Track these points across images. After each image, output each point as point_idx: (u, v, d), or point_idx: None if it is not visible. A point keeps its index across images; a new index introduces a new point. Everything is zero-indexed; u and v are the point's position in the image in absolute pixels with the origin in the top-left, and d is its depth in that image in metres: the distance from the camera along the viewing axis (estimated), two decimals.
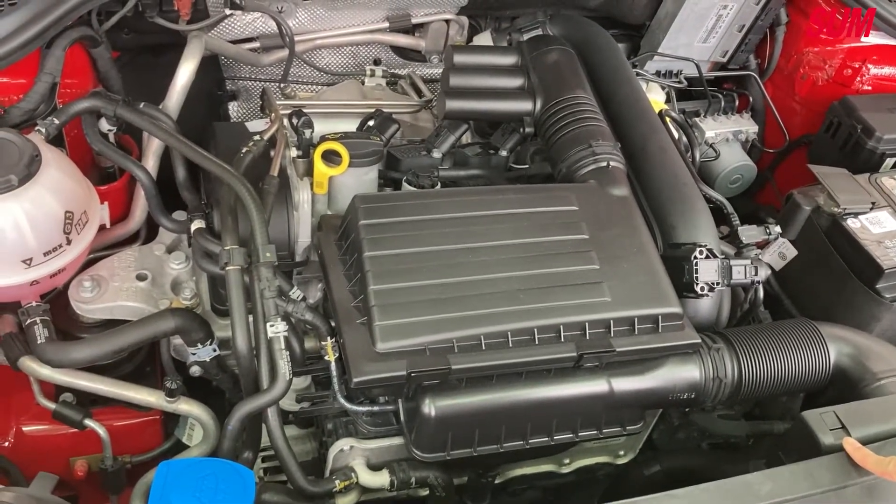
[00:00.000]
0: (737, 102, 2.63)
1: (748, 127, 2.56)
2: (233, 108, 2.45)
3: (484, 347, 1.47)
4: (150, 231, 2.01)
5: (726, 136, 2.53)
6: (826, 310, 1.95)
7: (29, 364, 1.64)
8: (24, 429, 1.84)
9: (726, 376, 1.64)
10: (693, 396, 1.64)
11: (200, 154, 1.67)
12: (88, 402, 1.80)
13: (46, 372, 1.64)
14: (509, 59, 2.03)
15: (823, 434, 1.48)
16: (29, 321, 1.62)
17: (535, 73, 1.96)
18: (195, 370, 1.76)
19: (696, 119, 2.51)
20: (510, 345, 1.48)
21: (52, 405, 1.74)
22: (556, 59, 1.98)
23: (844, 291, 1.93)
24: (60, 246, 1.56)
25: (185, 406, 1.70)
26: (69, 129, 1.80)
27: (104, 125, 1.80)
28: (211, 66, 2.32)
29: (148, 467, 1.77)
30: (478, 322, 1.48)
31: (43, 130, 1.66)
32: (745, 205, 2.59)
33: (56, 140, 1.73)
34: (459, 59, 1.98)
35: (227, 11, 1.98)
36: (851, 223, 1.96)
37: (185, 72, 1.87)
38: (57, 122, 1.69)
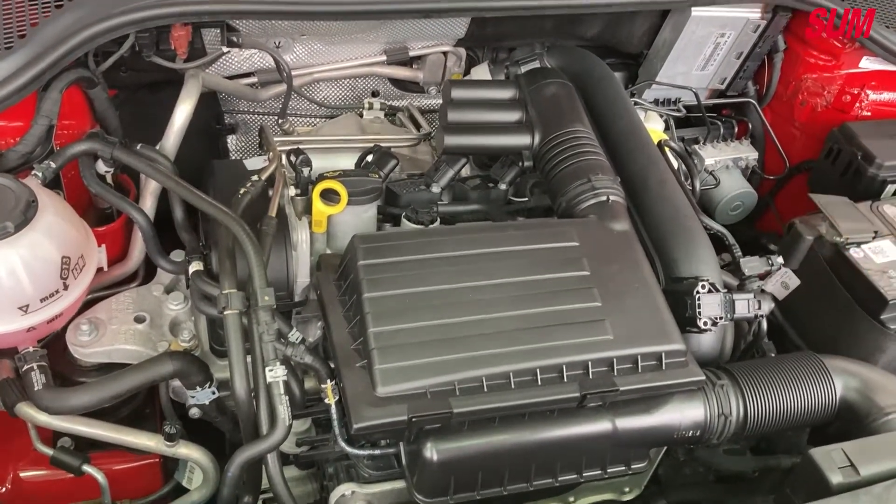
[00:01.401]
0: (736, 129, 2.62)
1: (748, 153, 2.55)
2: (231, 142, 2.45)
3: (486, 389, 1.45)
4: (147, 269, 2.00)
5: (726, 163, 2.53)
6: (831, 340, 1.93)
7: (26, 410, 1.62)
8: (22, 474, 1.83)
9: (731, 413, 1.62)
10: (698, 434, 1.62)
11: (198, 196, 1.67)
12: (87, 445, 1.78)
13: (44, 418, 1.62)
14: (507, 93, 2.02)
15: (832, 472, 1.45)
16: (26, 367, 1.61)
17: (532, 106, 1.96)
18: (194, 412, 1.74)
19: (696, 146, 2.51)
20: (512, 386, 1.46)
21: (49, 451, 1.72)
22: (553, 93, 1.98)
23: (849, 322, 1.91)
24: (57, 291, 1.55)
25: (185, 450, 1.69)
26: (66, 170, 1.79)
27: (101, 167, 1.80)
28: (209, 99, 2.32)
29: None
30: (479, 363, 1.46)
31: (39, 174, 1.66)
32: (746, 231, 2.58)
33: (53, 181, 1.73)
34: (457, 93, 1.98)
35: (225, 49, 1.97)
36: (854, 253, 1.94)
37: (182, 112, 1.87)
38: (54, 165, 1.68)
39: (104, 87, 1.89)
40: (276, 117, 2.32)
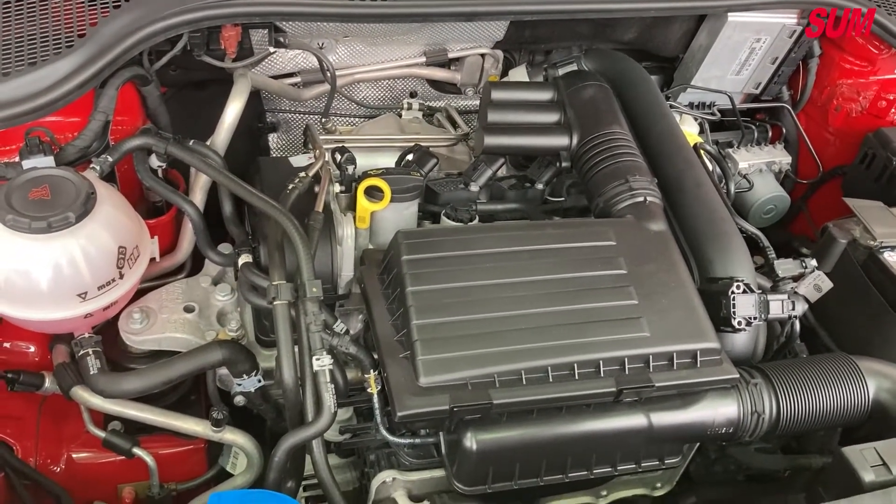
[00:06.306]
0: (770, 133, 2.63)
1: (781, 158, 2.57)
2: (272, 140, 2.51)
3: (524, 382, 1.49)
4: (195, 261, 2.07)
5: (760, 166, 2.55)
6: (863, 343, 1.95)
7: (81, 394, 1.69)
8: (74, 456, 1.90)
9: (764, 411, 1.65)
10: (731, 431, 1.65)
11: (249, 191, 1.73)
12: (136, 430, 1.85)
13: (97, 401, 1.69)
14: (545, 95, 2.06)
15: (864, 471, 1.48)
16: (82, 352, 1.68)
17: (571, 108, 2.00)
18: (239, 400, 1.80)
19: (730, 150, 2.53)
20: (550, 380, 1.51)
21: (101, 433, 1.79)
22: (591, 95, 2.01)
23: (881, 325, 1.93)
24: (113, 280, 1.62)
25: (231, 436, 1.75)
26: (120, 164, 1.86)
27: (154, 161, 1.86)
28: (252, 98, 2.36)
29: (193, 494, 1.83)
30: (518, 357, 1.50)
31: (97, 168, 1.72)
32: (778, 234, 2.60)
33: (108, 175, 1.79)
34: (497, 95, 2.02)
35: (272, 49, 2.03)
36: (888, 256, 1.96)
37: (233, 110, 1.93)
38: (111, 159, 1.75)
39: (157, 85, 1.95)
40: (317, 116, 2.38)
